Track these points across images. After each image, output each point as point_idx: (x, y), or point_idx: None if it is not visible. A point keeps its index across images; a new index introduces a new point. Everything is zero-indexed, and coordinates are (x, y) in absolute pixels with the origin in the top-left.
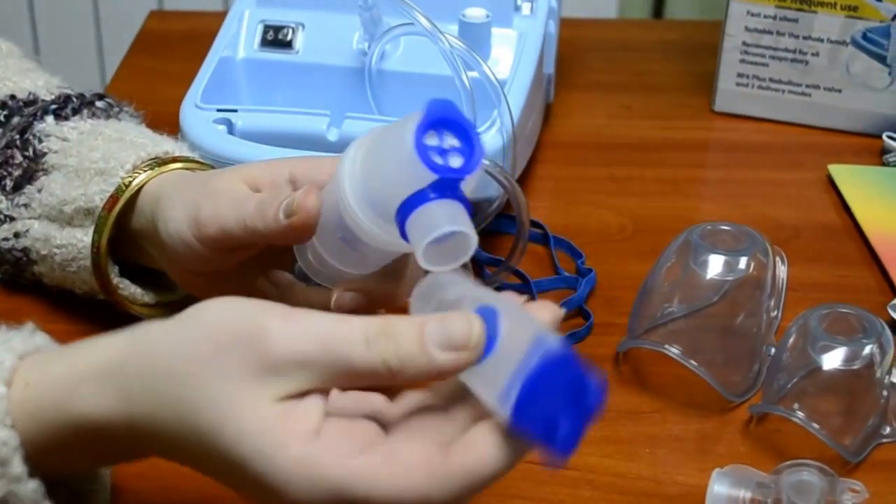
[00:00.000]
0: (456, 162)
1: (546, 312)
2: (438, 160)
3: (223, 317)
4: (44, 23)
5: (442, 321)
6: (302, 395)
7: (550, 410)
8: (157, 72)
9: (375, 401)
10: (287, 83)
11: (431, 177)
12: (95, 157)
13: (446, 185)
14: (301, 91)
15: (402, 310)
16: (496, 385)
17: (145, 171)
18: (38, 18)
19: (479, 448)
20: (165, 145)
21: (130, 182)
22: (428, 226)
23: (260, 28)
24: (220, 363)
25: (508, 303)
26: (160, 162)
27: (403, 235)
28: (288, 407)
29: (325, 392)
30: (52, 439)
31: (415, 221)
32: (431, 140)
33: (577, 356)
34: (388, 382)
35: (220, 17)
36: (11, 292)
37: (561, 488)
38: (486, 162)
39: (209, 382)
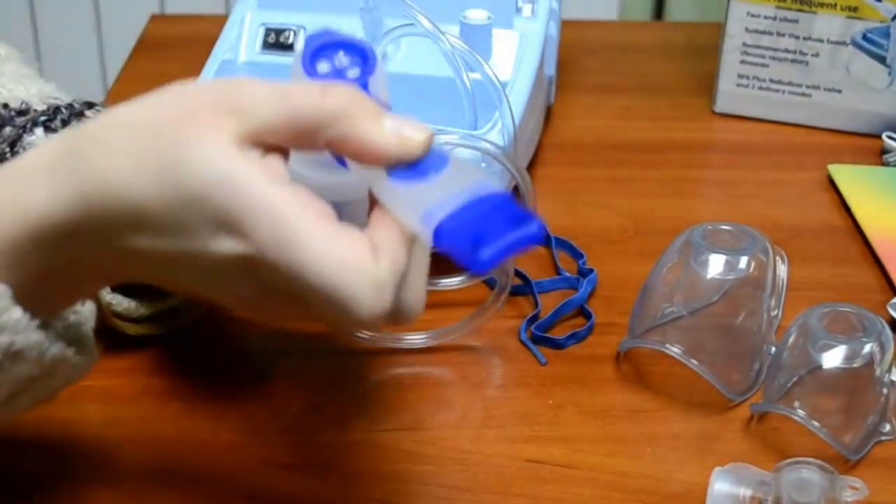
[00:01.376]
0: (354, 72)
1: None
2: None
3: (190, 82)
4: (45, 27)
5: (397, 117)
6: (262, 146)
7: (477, 227)
8: (158, 75)
9: None
10: None
11: None
12: None
13: None
14: None
15: None
16: (423, 205)
17: None
18: (39, 23)
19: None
20: None
21: None
22: None
23: (261, 31)
24: (185, 109)
25: (460, 160)
26: None
27: (340, 162)
28: (252, 154)
29: (284, 153)
30: (12, 258)
31: None
32: (323, 67)
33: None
34: (328, 143)
35: (221, 20)
36: None
37: (562, 486)
38: (491, 146)
39: (169, 122)
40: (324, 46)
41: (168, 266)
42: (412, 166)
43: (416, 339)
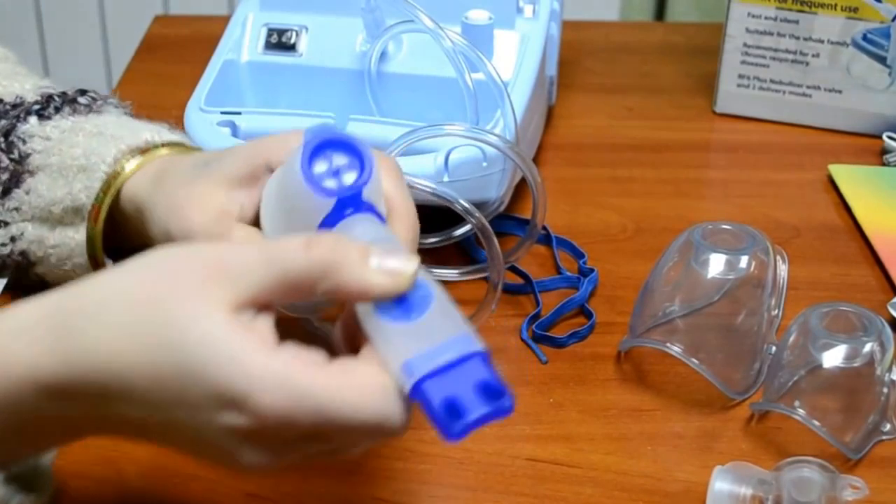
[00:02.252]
0: (350, 178)
1: None
2: (331, 183)
3: (172, 250)
4: (50, 28)
5: (384, 247)
6: (254, 307)
7: (453, 394)
8: (162, 75)
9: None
10: (291, 86)
11: (331, 200)
12: (76, 154)
13: (348, 202)
14: (305, 94)
15: None
16: (407, 352)
17: (128, 161)
18: (44, 24)
19: None
20: (144, 134)
21: (109, 186)
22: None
23: (264, 31)
24: (172, 283)
25: (444, 293)
26: (140, 151)
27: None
28: (244, 318)
29: (272, 311)
30: None
31: None
32: (321, 167)
33: (494, 365)
34: (322, 294)
35: (224, 21)
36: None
37: (563, 485)
38: (498, 138)
39: (163, 297)
40: (322, 144)
41: (165, 434)
42: (398, 301)
43: None
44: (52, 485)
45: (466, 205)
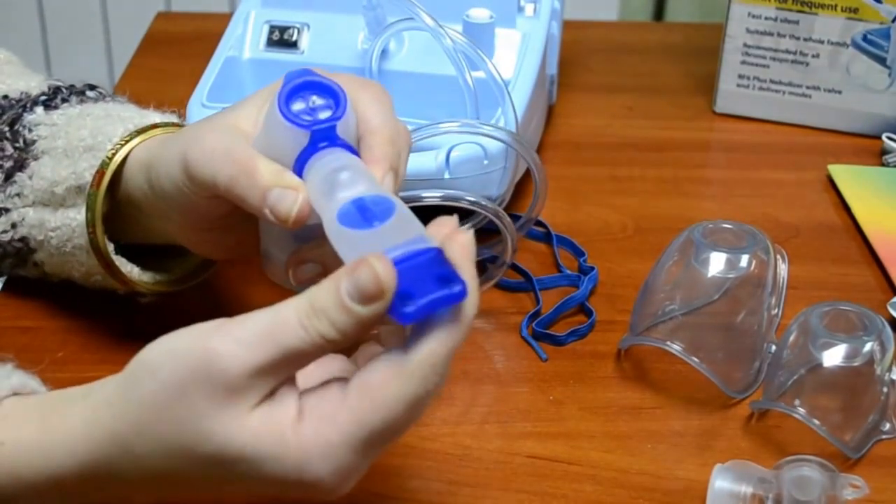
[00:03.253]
0: (325, 114)
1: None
2: (307, 118)
3: (169, 362)
4: (53, 24)
5: (351, 275)
6: (272, 393)
7: (407, 281)
8: (164, 72)
9: (336, 366)
10: None
11: (306, 134)
12: (83, 135)
13: (322, 136)
14: None
15: None
16: (363, 252)
17: (135, 138)
18: (47, 20)
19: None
20: (153, 117)
21: (114, 154)
22: (317, 169)
23: (266, 28)
24: (188, 407)
25: (402, 203)
26: (147, 129)
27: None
28: (266, 410)
29: (290, 380)
30: (29, 493)
31: (307, 173)
32: (299, 105)
33: (448, 262)
34: (335, 350)
35: (226, 18)
36: (14, 294)
37: (563, 483)
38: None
39: (187, 428)
40: (300, 87)
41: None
42: (362, 214)
43: None
44: None
45: (473, 198)
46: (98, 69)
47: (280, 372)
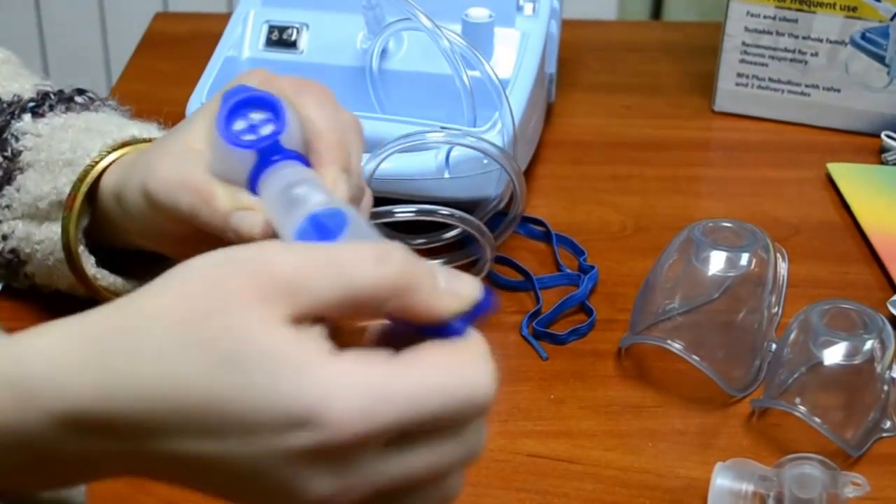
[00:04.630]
0: (267, 129)
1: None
2: (250, 137)
3: (215, 258)
4: (51, 25)
5: (449, 272)
6: (311, 319)
7: None
8: (162, 72)
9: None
10: None
11: (252, 153)
12: (63, 149)
13: (269, 152)
14: None
15: None
16: None
17: (111, 154)
18: (44, 21)
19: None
20: (131, 130)
21: (87, 175)
22: (269, 189)
23: (265, 28)
24: (220, 297)
25: (353, 212)
26: (125, 145)
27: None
28: (301, 329)
29: (329, 321)
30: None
31: (262, 191)
32: (240, 125)
33: None
34: (387, 307)
35: (224, 18)
36: (12, 294)
37: (564, 481)
38: (490, 146)
39: (215, 311)
40: (238, 105)
41: (211, 473)
42: (318, 231)
43: None
44: None
45: (447, 211)
46: (96, 70)
47: (330, 298)
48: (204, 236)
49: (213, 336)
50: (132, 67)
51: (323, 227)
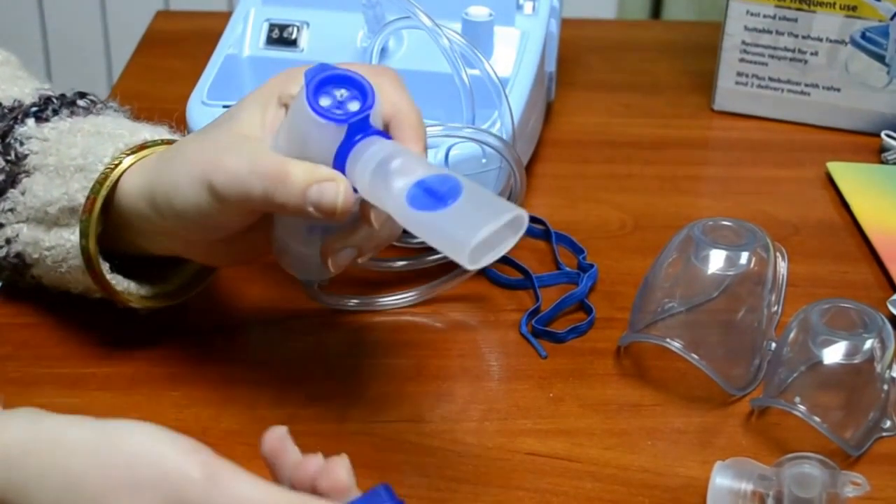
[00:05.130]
0: (354, 106)
1: None
2: (338, 112)
3: (146, 449)
4: (53, 23)
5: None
6: None
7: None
8: (164, 70)
9: None
10: None
11: (342, 128)
12: (74, 154)
13: (357, 128)
14: None
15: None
16: (454, 232)
17: (126, 157)
18: (46, 19)
19: None
20: (143, 133)
21: (105, 178)
22: (365, 160)
23: (265, 26)
24: (134, 498)
25: (465, 178)
26: (139, 149)
27: (354, 189)
28: None
29: None
30: None
31: (352, 165)
32: (325, 102)
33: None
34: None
35: (225, 16)
36: (14, 290)
37: (563, 480)
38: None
39: None
40: (323, 82)
41: None
42: (432, 196)
43: (407, 297)
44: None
45: (470, 127)
46: (97, 68)
47: None
48: (247, 231)
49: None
50: (133, 65)
51: (434, 192)
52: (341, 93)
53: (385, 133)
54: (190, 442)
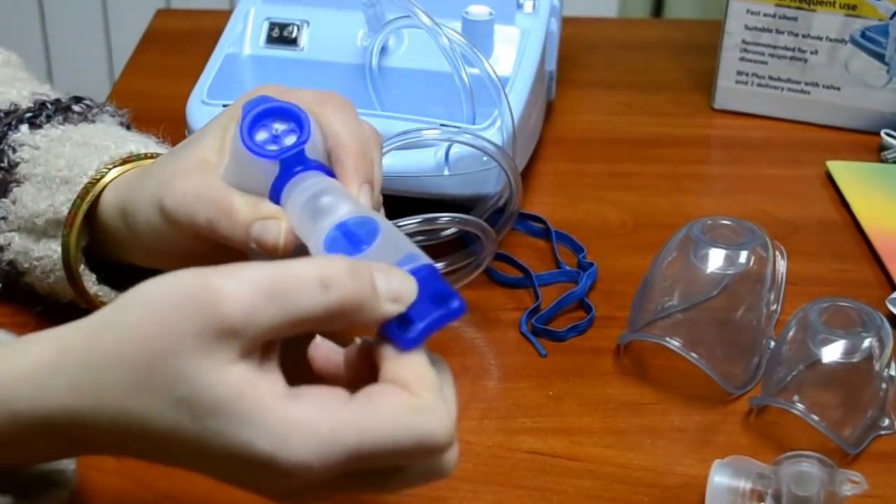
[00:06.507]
0: (290, 139)
1: None
2: (272, 148)
3: (163, 290)
4: (53, 22)
5: (387, 273)
6: (261, 351)
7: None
8: (164, 68)
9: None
10: (292, 80)
11: (276, 163)
12: (61, 165)
13: (293, 162)
14: (306, 88)
15: None
16: None
17: (110, 171)
18: (47, 17)
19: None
20: (129, 146)
21: (87, 193)
22: (294, 198)
23: (265, 25)
24: (172, 339)
25: (385, 221)
26: (124, 162)
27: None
28: (254, 369)
29: (277, 344)
30: None
31: (284, 201)
32: (262, 135)
33: (442, 277)
34: (333, 328)
35: (225, 15)
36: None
37: (563, 478)
38: (488, 144)
39: (167, 362)
40: (260, 115)
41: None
42: (348, 239)
43: None
44: (72, 485)
45: (449, 216)
46: (98, 66)
47: (278, 327)
48: (219, 251)
49: (167, 381)
50: (134, 64)
51: (352, 236)
52: (277, 126)
53: (323, 166)
54: (201, 268)
